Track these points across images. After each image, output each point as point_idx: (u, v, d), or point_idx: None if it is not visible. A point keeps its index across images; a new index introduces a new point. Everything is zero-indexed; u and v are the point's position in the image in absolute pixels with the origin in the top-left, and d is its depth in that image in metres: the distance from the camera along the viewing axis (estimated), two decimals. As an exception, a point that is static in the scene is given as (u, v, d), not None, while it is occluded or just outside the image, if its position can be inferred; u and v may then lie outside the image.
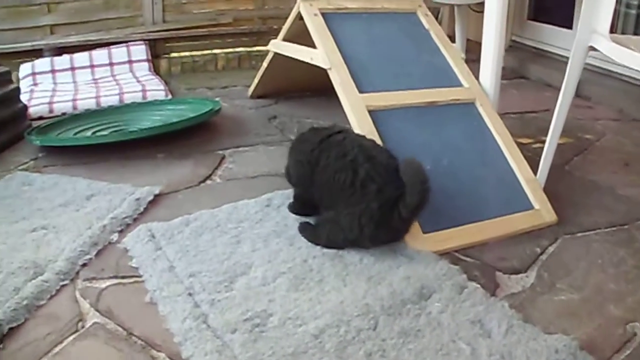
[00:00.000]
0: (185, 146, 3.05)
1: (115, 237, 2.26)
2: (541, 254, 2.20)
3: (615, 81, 3.88)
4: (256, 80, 3.59)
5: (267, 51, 3.41)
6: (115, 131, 3.14)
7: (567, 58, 2.44)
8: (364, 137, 2.25)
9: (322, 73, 2.63)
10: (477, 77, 2.75)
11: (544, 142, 2.52)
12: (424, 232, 2.20)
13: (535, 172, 2.50)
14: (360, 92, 2.49)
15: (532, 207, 2.39)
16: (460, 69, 2.74)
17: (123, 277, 2.04)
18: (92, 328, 1.80)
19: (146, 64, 4.21)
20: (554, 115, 2.47)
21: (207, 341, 1.68)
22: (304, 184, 2.29)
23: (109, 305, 1.89)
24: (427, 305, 1.87)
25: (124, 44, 4.17)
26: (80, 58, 4.09)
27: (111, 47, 4.14)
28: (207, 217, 2.33)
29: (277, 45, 3.20)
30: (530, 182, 2.45)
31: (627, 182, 2.73)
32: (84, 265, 2.09)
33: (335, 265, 2.06)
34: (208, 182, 2.73)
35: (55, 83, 3.98)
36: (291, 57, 3.02)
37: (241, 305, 1.83)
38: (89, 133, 3.16)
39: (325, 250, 2.13)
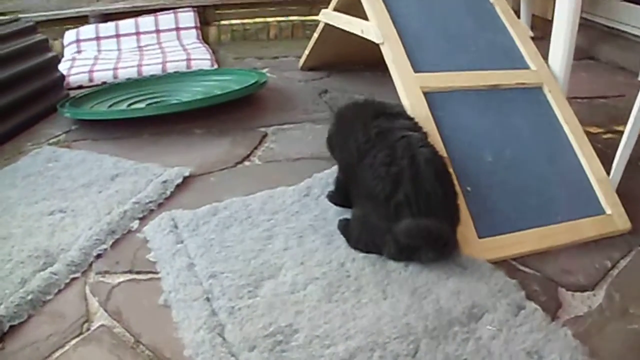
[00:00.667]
0: (226, 121, 2.80)
1: (135, 224, 2.03)
2: (611, 268, 1.86)
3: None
4: (307, 52, 3.30)
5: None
6: (151, 104, 2.92)
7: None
8: (426, 140, 1.92)
9: (375, 47, 2.32)
10: (544, 58, 2.38)
11: (615, 132, 2.16)
12: (480, 237, 1.90)
13: (606, 169, 2.14)
14: (415, 70, 2.17)
15: (602, 212, 2.04)
16: (527, 49, 2.38)
17: (138, 273, 1.81)
18: (98, 331, 1.59)
19: (194, 32, 3.98)
20: (637, 103, 2.08)
21: (221, 359, 1.43)
22: (348, 172, 2.01)
23: (118, 306, 1.67)
24: (477, 329, 1.57)
25: (172, 11, 3.94)
26: (126, 25, 3.88)
27: (158, 13, 3.92)
28: (238, 206, 2.07)
29: (328, 16, 2.90)
30: (602, 183, 2.09)
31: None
32: (99, 256, 1.88)
33: (377, 271, 1.77)
34: (245, 163, 2.47)
35: (99, 50, 3.79)
36: (342, 29, 2.72)
37: (264, 317, 1.58)
38: (124, 105, 2.95)
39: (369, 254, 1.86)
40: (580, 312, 1.68)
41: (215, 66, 3.47)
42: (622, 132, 2.12)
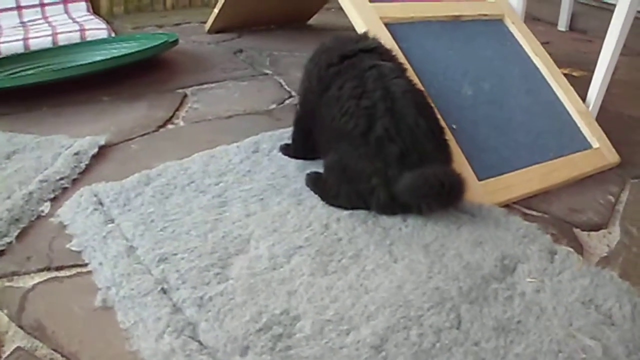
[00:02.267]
0: (136, 85, 2.16)
1: (46, 207, 1.40)
2: (615, 203, 1.50)
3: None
4: (216, 11, 2.70)
5: None
6: (44, 71, 2.22)
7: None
8: (401, 71, 1.43)
9: (288, 3, 1.79)
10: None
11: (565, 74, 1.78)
12: (480, 180, 1.45)
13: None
14: (370, 1, 1.66)
15: (590, 146, 1.66)
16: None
17: (59, 269, 1.21)
18: (14, 358, 0.99)
19: (84, 4, 3.24)
20: (611, 32, 1.72)
21: (202, 373, 0.89)
22: (307, 107, 1.50)
23: (38, 317, 1.07)
24: (516, 283, 1.14)
25: (56, -19, 3.20)
26: (5, -1, 3.11)
27: (41, -15, 3.17)
28: (175, 172, 1.49)
29: None
30: (583, 115, 1.71)
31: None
32: (1, 253, 1.24)
33: (371, 230, 1.27)
34: (169, 126, 1.87)
35: (-25, 28, 2.99)
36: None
37: (247, 305, 1.03)
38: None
39: (353, 210, 1.35)
40: (602, 252, 1.30)
41: (113, 35, 2.79)
42: (570, 74, 1.76)
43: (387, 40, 1.54)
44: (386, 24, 1.60)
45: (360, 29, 1.59)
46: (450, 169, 1.32)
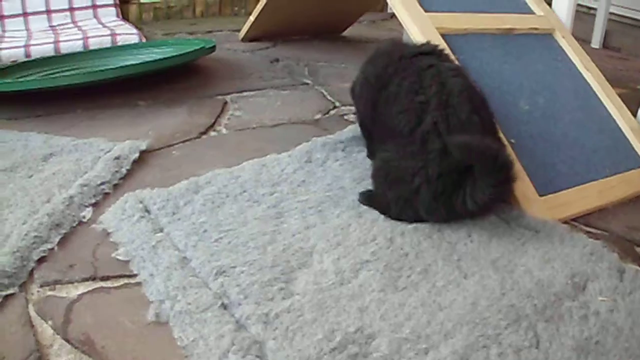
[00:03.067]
0: (174, 91, 2.10)
1: (88, 213, 1.33)
2: None
3: None
4: (252, 19, 2.65)
5: None
6: (79, 74, 2.16)
7: None
8: (459, 71, 1.37)
9: (327, 12, 1.75)
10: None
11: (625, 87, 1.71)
12: (540, 195, 1.37)
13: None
14: (425, 10, 1.60)
15: (643, 163, 1.58)
16: (528, -7, 1.87)
17: (105, 279, 1.13)
18: (59, 374, 0.91)
19: (113, 9, 3.21)
20: None
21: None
22: (367, 109, 1.45)
23: (86, 331, 1.00)
24: (588, 301, 1.07)
25: (86, -14, 3.17)
26: (34, 2, 3.05)
27: (71, -11, 3.13)
28: (225, 180, 1.41)
29: None
30: (636, 132, 1.64)
31: None
32: (42, 260, 1.17)
33: (437, 244, 1.20)
34: (211, 133, 1.80)
35: (3, 31, 2.95)
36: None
37: (317, 323, 0.95)
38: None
39: (417, 224, 1.27)
40: (665, 270, 1.21)
41: (144, 41, 2.75)
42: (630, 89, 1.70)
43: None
44: (442, 35, 1.54)
45: (416, 38, 1.52)
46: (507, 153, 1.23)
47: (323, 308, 0.99)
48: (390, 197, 1.29)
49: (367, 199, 1.34)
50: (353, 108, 1.95)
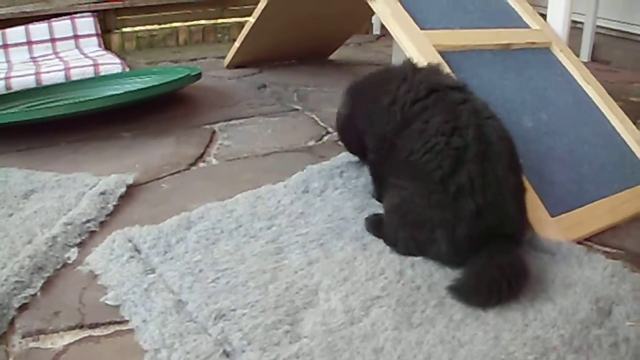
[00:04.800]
0: (158, 122, 2.02)
1: (73, 254, 1.25)
2: None
3: (635, 44, 3.07)
4: (237, 45, 2.58)
5: (234, 23, 2.49)
6: (61, 105, 2.07)
7: None
8: (489, 110, 1.28)
9: (313, 36, 1.93)
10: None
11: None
12: (553, 216, 1.31)
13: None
14: (420, 28, 1.55)
15: (651, 177, 1.54)
16: (523, 8, 1.83)
17: (94, 326, 1.04)
18: None
19: (95, 39, 3.12)
20: None
21: None
22: (381, 149, 1.32)
23: (73, 386, 0.90)
24: (616, 327, 1.02)
25: (68, 17, 3.08)
26: (15, 33, 2.96)
27: (52, 20, 3.05)
28: (219, 214, 1.33)
29: None
30: None
31: None
32: (23, 307, 1.08)
33: (450, 275, 1.13)
34: (201, 164, 1.72)
35: (-19, 64, 2.86)
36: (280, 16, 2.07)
37: (331, 371, 0.87)
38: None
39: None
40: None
41: (128, 70, 2.67)
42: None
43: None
44: (440, 52, 1.48)
45: (414, 57, 1.46)
46: (519, 256, 1.14)
47: (334, 351, 0.91)
48: (400, 236, 1.20)
49: (374, 225, 1.26)
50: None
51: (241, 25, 3.35)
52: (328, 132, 1.94)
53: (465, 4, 1.74)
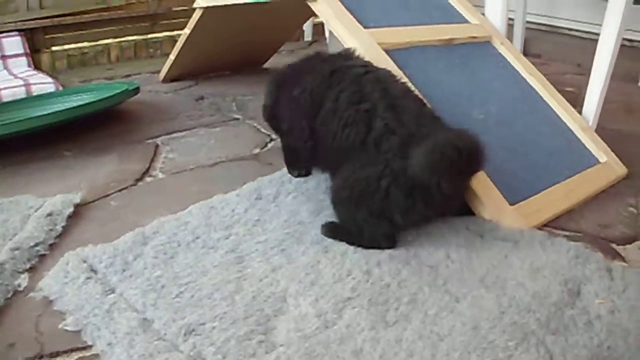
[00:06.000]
0: (99, 139, 1.91)
1: (23, 280, 1.14)
2: (638, 214, 1.41)
3: (562, 37, 3.18)
4: (172, 57, 2.49)
5: (166, 37, 2.44)
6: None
7: None
8: (394, 76, 1.31)
9: (247, 46, 2.04)
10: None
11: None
12: (511, 204, 1.31)
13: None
14: (364, 27, 1.52)
15: (598, 161, 1.57)
16: (462, 4, 1.83)
17: (54, 355, 0.95)
18: None
19: (24, 59, 2.94)
20: (601, 45, 1.66)
21: None
22: (302, 131, 1.33)
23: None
24: (587, 306, 1.02)
25: (-7, 37, 2.90)
26: None
27: (-25, 41, 2.85)
28: (173, 228, 1.26)
29: None
30: (586, 131, 1.63)
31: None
32: (-26, 341, 0.98)
33: (418, 270, 1.10)
34: (147, 179, 1.63)
35: None
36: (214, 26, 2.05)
37: (311, 377, 0.82)
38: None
39: (390, 251, 1.17)
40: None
41: (62, 89, 2.52)
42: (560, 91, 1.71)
43: (389, 66, 1.40)
44: (385, 50, 1.46)
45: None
46: (461, 131, 1.14)
47: (313, 357, 0.86)
48: (360, 218, 1.17)
49: (331, 230, 1.23)
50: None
51: (173, 39, 3.26)
52: (272, 139, 1.89)
53: (405, 2, 1.73)
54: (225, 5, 2.03)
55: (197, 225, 1.25)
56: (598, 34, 1.67)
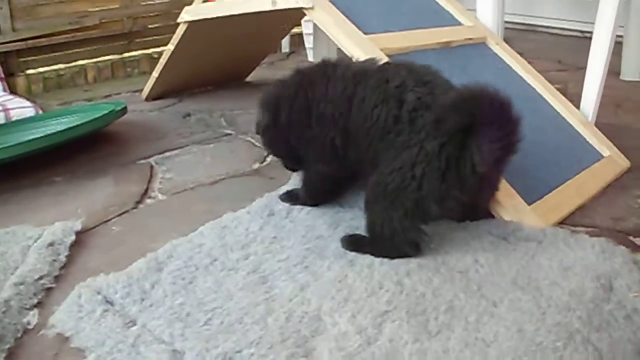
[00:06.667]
0: (90, 162, 1.81)
1: (33, 317, 1.05)
2: None
3: (541, 35, 3.19)
4: (155, 75, 2.40)
5: (143, 55, 2.56)
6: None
7: None
8: (414, 63, 1.27)
9: (229, 60, 2.07)
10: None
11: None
12: (528, 204, 1.28)
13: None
14: (364, 33, 1.47)
15: (601, 155, 1.55)
16: (454, 7, 1.81)
17: (80, 397, 0.87)
18: None
19: (-1, 84, 2.84)
20: (596, 41, 1.65)
21: None
22: (330, 152, 1.26)
23: None
24: (622, 300, 1.00)
25: (-37, 62, 2.76)
26: None
27: (-54, 67, 2.71)
28: (187, 250, 1.18)
29: (198, 11, 2.01)
30: (587, 126, 1.62)
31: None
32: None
33: (450, 278, 1.05)
34: (148, 200, 1.54)
35: None
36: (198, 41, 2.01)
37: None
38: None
39: (417, 259, 1.11)
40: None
41: (41, 112, 2.41)
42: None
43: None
44: (387, 55, 1.42)
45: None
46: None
47: (362, 379, 0.80)
48: (395, 218, 1.11)
49: (353, 243, 1.17)
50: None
51: (150, 57, 3.17)
52: (268, 154, 1.83)
53: (399, 6, 1.69)
54: (212, 18, 1.96)
55: (212, 247, 1.18)
56: (576, 30, 1.66)
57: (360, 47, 1.39)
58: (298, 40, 3.39)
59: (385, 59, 1.39)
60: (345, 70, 1.26)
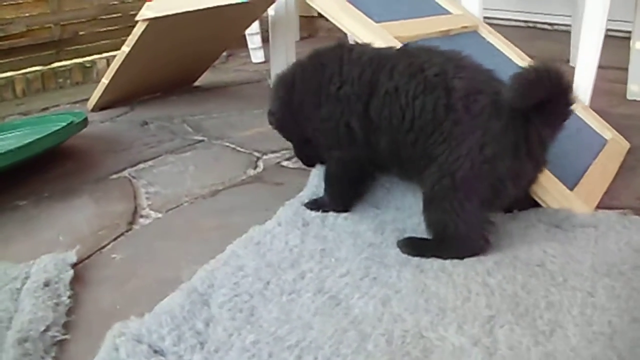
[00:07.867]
0: (55, 181, 1.49)
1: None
2: None
3: (503, 29, 3.14)
4: (105, 81, 2.07)
5: (74, 65, 2.36)
6: None
7: None
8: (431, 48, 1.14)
9: (179, 66, 1.93)
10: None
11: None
12: (570, 189, 1.17)
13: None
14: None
15: (605, 139, 1.49)
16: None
17: None
18: None
19: None
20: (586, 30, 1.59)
21: None
22: (346, 135, 1.11)
23: None
24: None
25: None
26: None
27: None
28: (228, 275, 0.94)
29: (162, 7, 1.71)
30: (588, 111, 1.55)
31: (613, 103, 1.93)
32: None
33: (528, 272, 0.93)
34: (141, 220, 1.28)
35: None
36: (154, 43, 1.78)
37: None
38: None
39: (489, 256, 0.96)
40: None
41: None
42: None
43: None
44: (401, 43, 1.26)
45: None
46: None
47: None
48: (468, 210, 0.97)
49: (414, 247, 1.00)
50: (280, 153, 1.60)
51: (82, 66, 2.80)
52: (257, 157, 1.61)
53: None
54: (177, 15, 1.70)
55: (257, 268, 0.96)
56: (520, 21, 1.60)
57: (373, 34, 1.23)
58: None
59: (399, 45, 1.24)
60: (361, 54, 1.11)
